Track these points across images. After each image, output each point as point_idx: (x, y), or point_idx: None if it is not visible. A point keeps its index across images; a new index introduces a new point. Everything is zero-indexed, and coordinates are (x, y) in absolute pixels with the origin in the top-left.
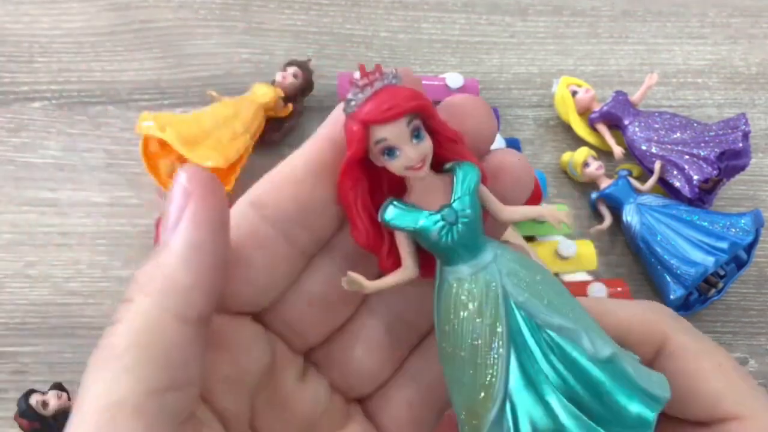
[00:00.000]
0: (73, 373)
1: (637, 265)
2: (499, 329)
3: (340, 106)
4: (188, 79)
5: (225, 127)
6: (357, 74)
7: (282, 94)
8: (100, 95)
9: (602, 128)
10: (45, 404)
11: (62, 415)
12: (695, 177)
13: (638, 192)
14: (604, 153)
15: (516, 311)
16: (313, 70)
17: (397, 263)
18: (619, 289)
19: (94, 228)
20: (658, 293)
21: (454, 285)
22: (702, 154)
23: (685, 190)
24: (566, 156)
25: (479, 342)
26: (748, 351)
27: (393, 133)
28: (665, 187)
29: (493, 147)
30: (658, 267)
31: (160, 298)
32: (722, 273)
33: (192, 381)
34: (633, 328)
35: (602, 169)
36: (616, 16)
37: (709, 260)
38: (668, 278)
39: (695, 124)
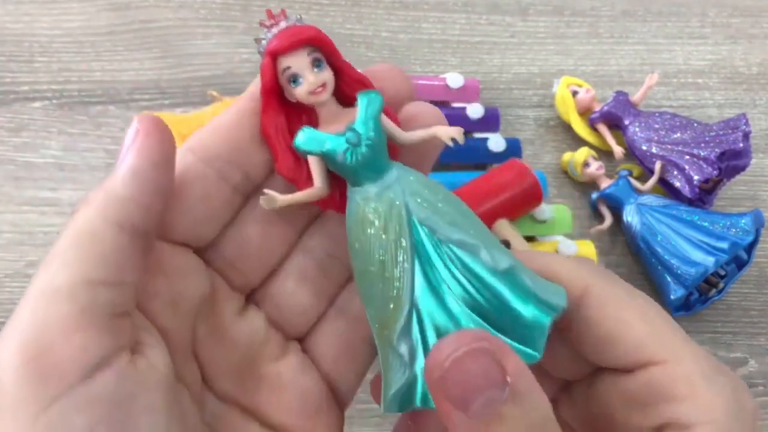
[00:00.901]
0: None
1: (637, 265)
2: (404, 244)
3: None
4: (188, 79)
5: None
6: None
7: None
8: (101, 95)
9: (602, 128)
10: None
11: None
12: (695, 177)
13: (638, 192)
14: (604, 153)
15: (419, 227)
16: None
17: None
18: None
19: None
20: (659, 293)
21: (361, 204)
22: (702, 154)
23: (686, 191)
24: (567, 156)
25: (386, 257)
26: (749, 351)
27: (295, 61)
28: (665, 187)
29: (493, 147)
30: (659, 267)
31: (100, 207)
32: (723, 273)
33: (125, 281)
34: (556, 276)
35: (602, 169)
36: (616, 16)
37: (710, 260)
38: (669, 278)
39: (695, 125)
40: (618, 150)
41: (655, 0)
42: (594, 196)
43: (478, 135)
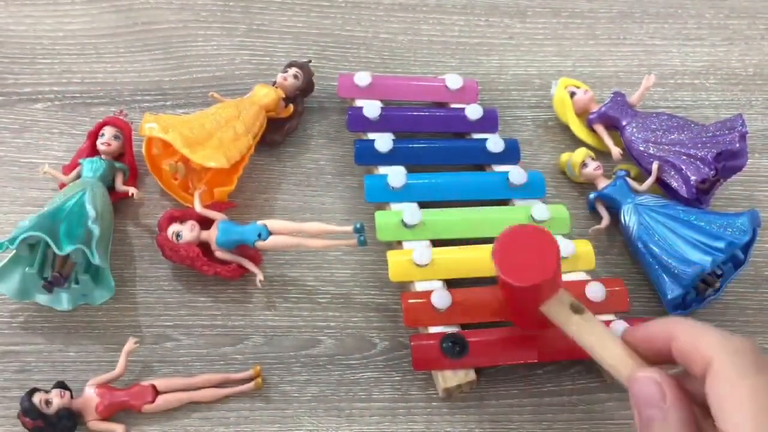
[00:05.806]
0: (76, 372)
1: (635, 265)
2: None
3: None
4: (190, 80)
5: (227, 128)
6: (357, 75)
7: (283, 95)
8: (103, 96)
9: (600, 129)
10: (48, 403)
11: (65, 413)
12: (692, 177)
13: (636, 192)
14: (602, 153)
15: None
16: (314, 71)
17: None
18: (617, 288)
19: None
20: (656, 293)
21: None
22: (699, 154)
23: (683, 191)
24: (564, 156)
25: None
26: None
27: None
28: (663, 187)
29: (492, 148)
30: (656, 267)
31: None
32: (719, 272)
33: None
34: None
35: (600, 169)
36: (613, 18)
37: (707, 260)
38: (666, 278)
39: (692, 125)
40: (616, 150)
41: (653, 1)
42: (592, 196)
43: (476, 136)
